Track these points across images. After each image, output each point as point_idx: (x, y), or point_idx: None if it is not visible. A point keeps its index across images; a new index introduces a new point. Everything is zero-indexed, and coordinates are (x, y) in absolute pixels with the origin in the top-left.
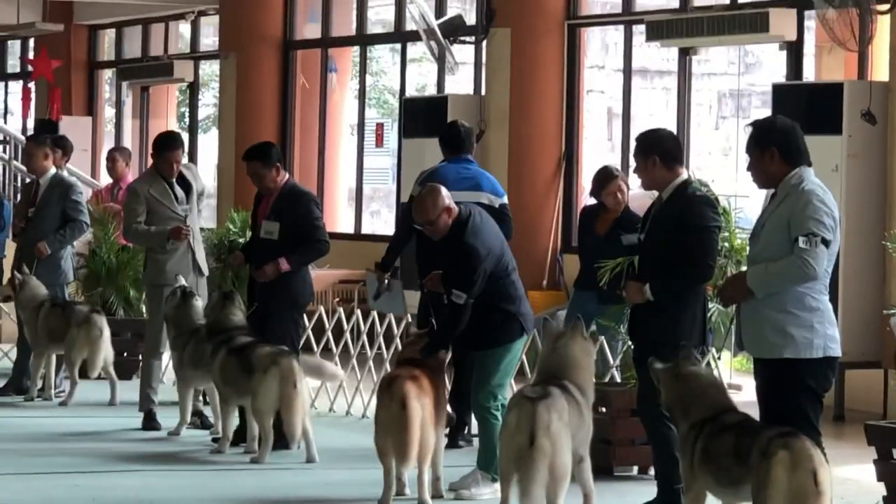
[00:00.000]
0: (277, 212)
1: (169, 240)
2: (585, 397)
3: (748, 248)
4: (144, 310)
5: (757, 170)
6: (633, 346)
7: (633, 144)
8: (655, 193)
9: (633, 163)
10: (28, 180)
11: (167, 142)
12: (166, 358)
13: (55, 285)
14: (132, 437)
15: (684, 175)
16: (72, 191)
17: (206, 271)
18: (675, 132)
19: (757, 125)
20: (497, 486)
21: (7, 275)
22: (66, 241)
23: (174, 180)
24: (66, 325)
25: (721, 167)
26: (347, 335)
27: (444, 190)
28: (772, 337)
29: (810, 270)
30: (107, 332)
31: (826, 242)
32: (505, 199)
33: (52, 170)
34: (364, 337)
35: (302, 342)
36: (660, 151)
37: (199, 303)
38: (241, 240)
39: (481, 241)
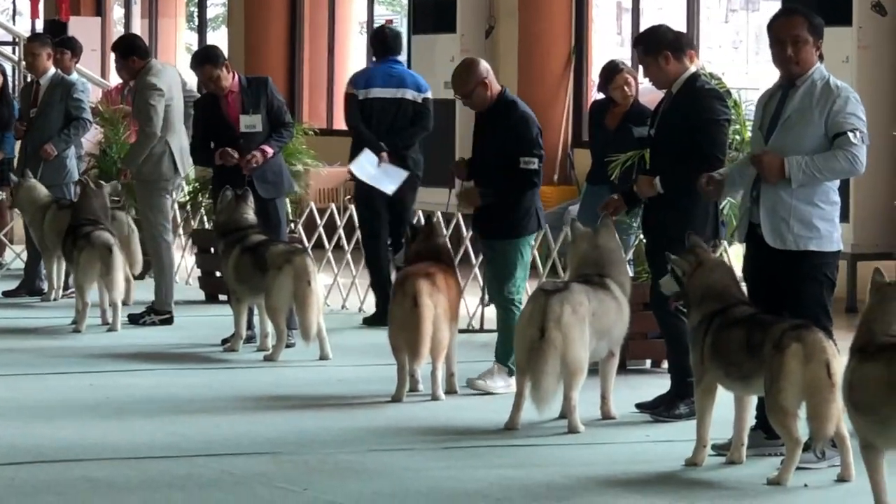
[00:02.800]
0: (254, 104)
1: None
2: (625, 294)
3: (753, 137)
4: None
5: (804, 57)
6: (646, 241)
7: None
8: None
9: None
10: (28, 80)
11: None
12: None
13: (60, 185)
14: (145, 337)
15: (692, 68)
16: (73, 89)
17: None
18: (680, 25)
19: (809, 12)
20: (514, 379)
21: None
22: (71, 141)
23: None
24: None
25: (731, 60)
26: (359, 232)
27: (482, 64)
28: (798, 229)
29: (859, 166)
30: (135, 229)
31: (865, 140)
32: (428, 94)
33: (52, 70)
34: None
35: (314, 240)
36: (670, 46)
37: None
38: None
39: (533, 114)
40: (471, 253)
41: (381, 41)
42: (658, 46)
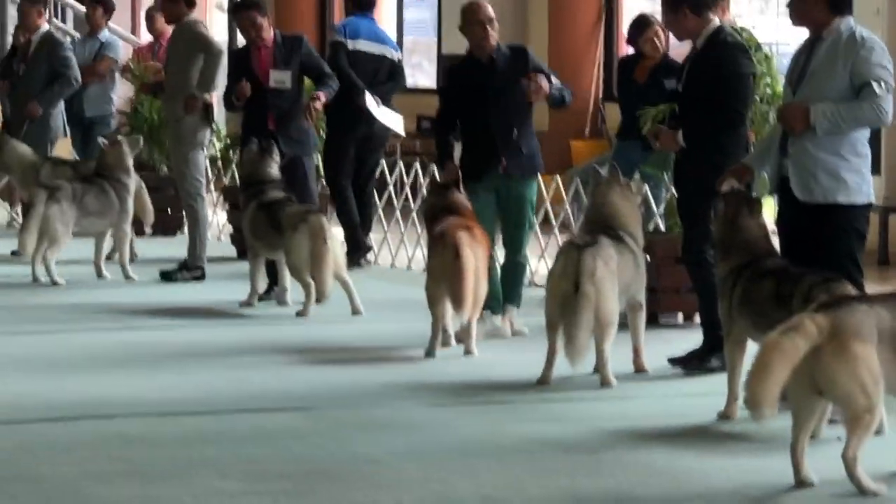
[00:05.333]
0: (286, 60)
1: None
2: (638, 244)
3: (784, 91)
4: None
5: (801, 10)
6: (677, 194)
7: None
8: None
9: None
10: (22, 39)
11: None
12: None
13: (45, 143)
14: (177, 293)
15: (717, 22)
16: (60, 48)
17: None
18: None
19: None
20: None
21: None
22: (56, 98)
23: None
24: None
25: (761, 14)
26: (391, 188)
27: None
28: (825, 181)
29: (884, 116)
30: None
31: (891, 90)
32: (401, 55)
33: (44, 27)
34: (407, 189)
35: None
36: (689, 2)
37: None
38: None
39: None
40: None
41: None
42: (678, 3)
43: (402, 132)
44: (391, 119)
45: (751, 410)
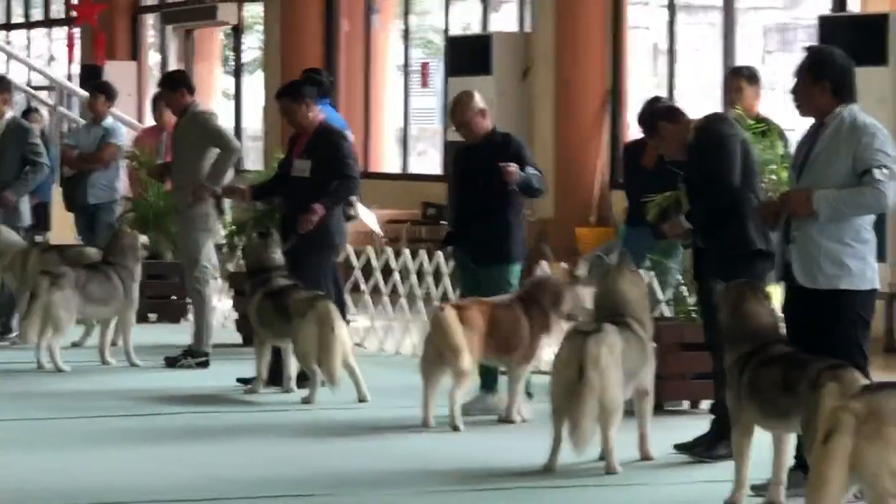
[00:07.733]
0: (310, 150)
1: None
2: (646, 330)
3: (789, 177)
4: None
5: (803, 98)
6: (696, 283)
7: (636, 121)
8: None
9: (677, 96)
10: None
11: None
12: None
13: (15, 229)
14: (182, 379)
15: (695, 117)
16: (29, 134)
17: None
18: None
19: (815, 53)
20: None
21: (55, 218)
22: (30, 185)
23: None
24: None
25: (767, 102)
26: (396, 274)
27: (477, 94)
28: (828, 268)
29: (885, 201)
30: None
31: (893, 176)
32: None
33: (9, 114)
34: (413, 276)
35: (350, 283)
36: (664, 117)
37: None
38: None
39: None
40: None
41: (323, 84)
42: (653, 122)
43: (379, 231)
44: (369, 218)
45: None
